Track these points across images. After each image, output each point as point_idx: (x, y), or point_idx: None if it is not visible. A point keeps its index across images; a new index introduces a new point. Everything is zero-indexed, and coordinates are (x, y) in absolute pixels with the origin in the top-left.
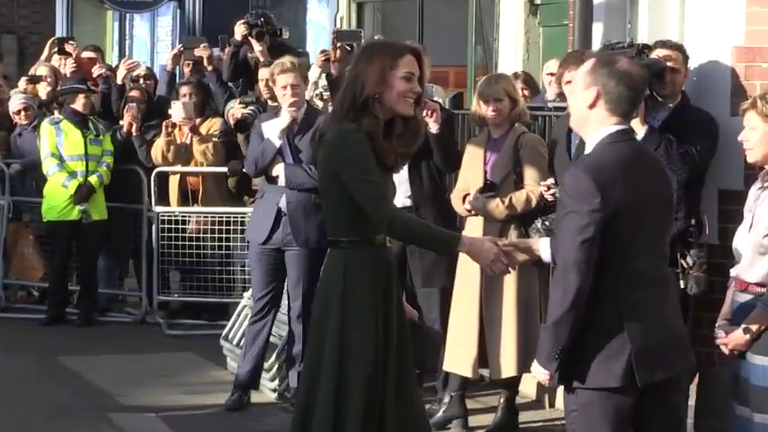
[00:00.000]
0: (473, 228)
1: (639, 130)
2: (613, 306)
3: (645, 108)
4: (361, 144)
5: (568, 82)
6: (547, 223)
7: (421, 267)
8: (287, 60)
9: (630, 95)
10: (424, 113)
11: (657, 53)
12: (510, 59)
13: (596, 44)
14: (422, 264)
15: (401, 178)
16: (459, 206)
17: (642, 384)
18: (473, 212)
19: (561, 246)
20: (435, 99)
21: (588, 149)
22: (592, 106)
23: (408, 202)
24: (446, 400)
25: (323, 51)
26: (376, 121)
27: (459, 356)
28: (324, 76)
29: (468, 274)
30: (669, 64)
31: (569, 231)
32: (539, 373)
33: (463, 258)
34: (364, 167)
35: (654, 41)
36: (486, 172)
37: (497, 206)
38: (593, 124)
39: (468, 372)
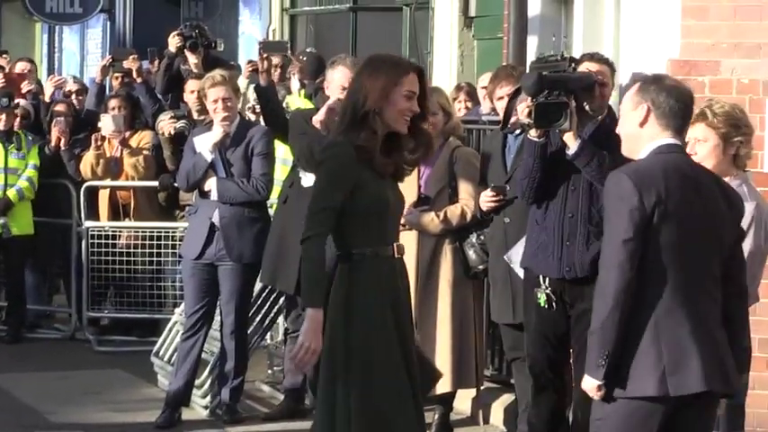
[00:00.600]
0: (407, 242)
1: (572, 144)
2: (651, 312)
3: (578, 122)
4: (340, 158)
5: (501, 98)
6: (482, 237)
7: None
8: (217, 74)
9: (681, 108)
10: None
11: (585, 66)
12: (444, 72)
13: (531, 58)
14: None
15: None
16: None
17: (675, 396)
18: (407, 227)
19: (605, 250)
20: None
21: None
22: (643, 123)
23: None
24: None
25: (250, 62)
26: (374, 136)
27: None
28: (252, 87)
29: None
30: (598, 77)
31: (611, 233)
32: (586, 383)
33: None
34: (330, 180)
35: (581, 54)
36: (420, 186)
37: (432, 220)
38: (646, 141)
39: None
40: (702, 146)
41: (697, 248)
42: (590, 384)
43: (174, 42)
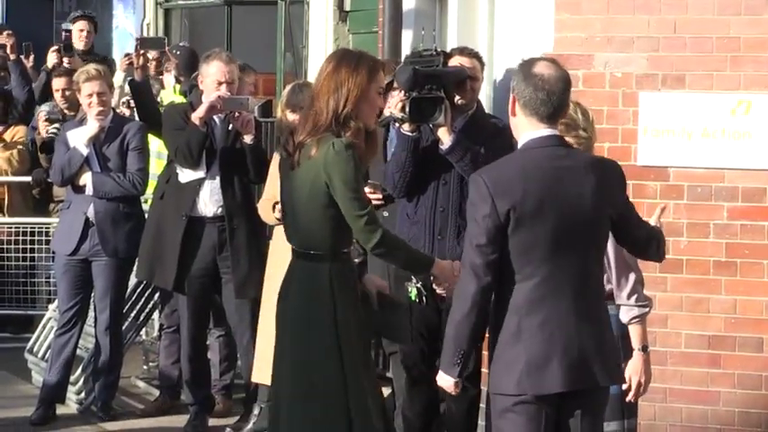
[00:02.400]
0: (279, 234)
1: (446, 139)
2: (513, 312)
3: (452, 117)
4: (355, 161)
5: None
6: None
7: (235, 278)
8: (92, 68)
9: (543, 97)
10: (238, 124)
11: (456, 61)
12: (319, 66)
13: (406, 51)
14: (236, 275)
15: (214, 188)
16: (268, 215)
17: (543, 395)
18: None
19: (464, 250)
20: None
21: None
22: (513, 112)
23: (221, 212)
24: (256, 411)
25: (126, 55)
26: (360, 131)
27: (267, 367)
28: (128, 81)
29: (276, 284)
30: (469, 72)
31: (468, 236)
32: (442, 380)
33: (271, 270)
34: (356, 187)
35: (451, 49)
36: None
37: None
38: (520, 130)
39: None
40: None
41: (561, 247)
42: (446, 381)
43: (52, 58)
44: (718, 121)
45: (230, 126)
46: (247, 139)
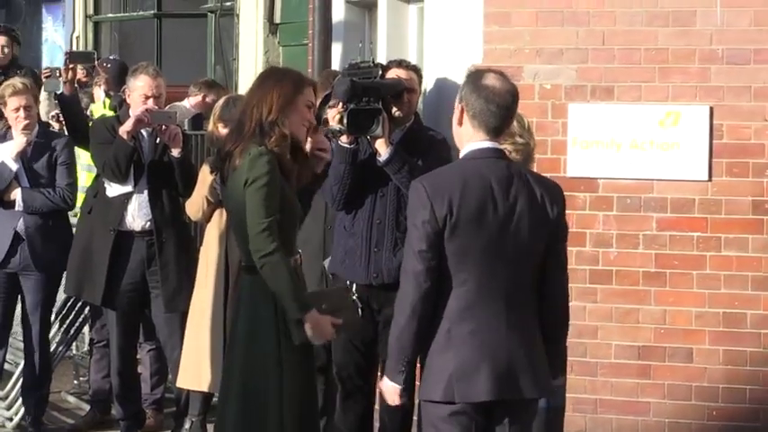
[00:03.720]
0: (211, 238)
1: (384, 151)
2: (446, 319)
3: (389, 129)
4: (271, 169)
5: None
6: None
7: (164, 292)
8: (18, 82)
9: (494, 110)
10: (166, 138)
11: (394, 73)
12: (250, 79)
13: (336, 63)
14: (165, 289)
15: (142, 202)
16: (196, 208)
17: (471, 402)
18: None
19: (404, 258)
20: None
21: None
22: (459, 122)
23: (150, 226)
24: (187, 426)
25: (47, 68)
26: (284, 138)
27: (193, 372)
28: (56, 95)
29: (205, 292)
30: (407, 84)
31: (408, 242)
32: (387, 387)
33: (201, 279)
34: (266, 194)
35: (388, 61)
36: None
37: None
38: (464, 140)
39: (204, 386)
40: None
41: (495, 257)
42: (391, 388)
43: None
44: (646, 132)
45: (158, 139)
46: (175, 152)
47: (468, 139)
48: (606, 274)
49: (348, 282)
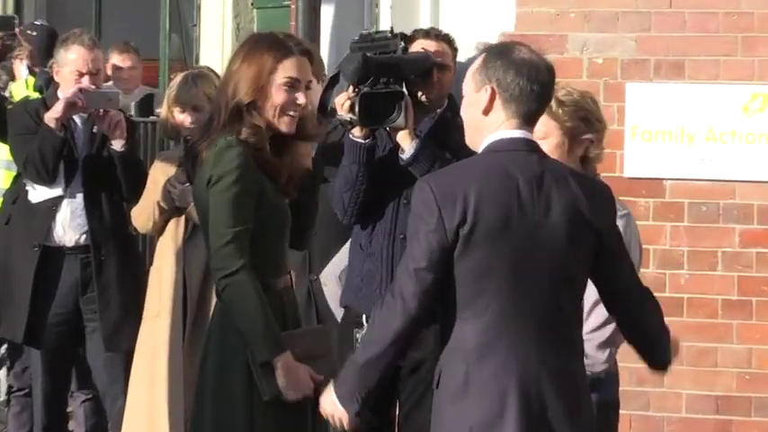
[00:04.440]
0: (164, 256)
1: (408, 145)
2: (461, 358)
3: (415, 118)
4: (242, 163)
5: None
6: None
7: (103, 326)
8: None
9: (537, 90)
10: (105, 126)
11: (420, 45)
12: (215, 51)
13: (325, 31)
14: (104, 321)
15: (75, 209)
16: (145, 218)
17: None
18: (164, 207)
19: (397, 273)
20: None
21: None
22: (487, 110)
23: (85, 240)
24: None
25: None
26: (256, 129)
27: (143, 430)
28: None
29: (160, 326)
30: (437, 59)
31: (404, 258)
32: (333, 408)
33: (151, 308)
34: (233, 195)
35: (413, 30)
36: None
37: None
38: (488, 132)
39: None
40: (542, 144)
41: (522, 277)
42: (337, 411)
43: None
44: (726, 120)
45: (95, 128)
46: (116, 144)
47: (493, 128)
48: (675, 304)
49: (365, 316)
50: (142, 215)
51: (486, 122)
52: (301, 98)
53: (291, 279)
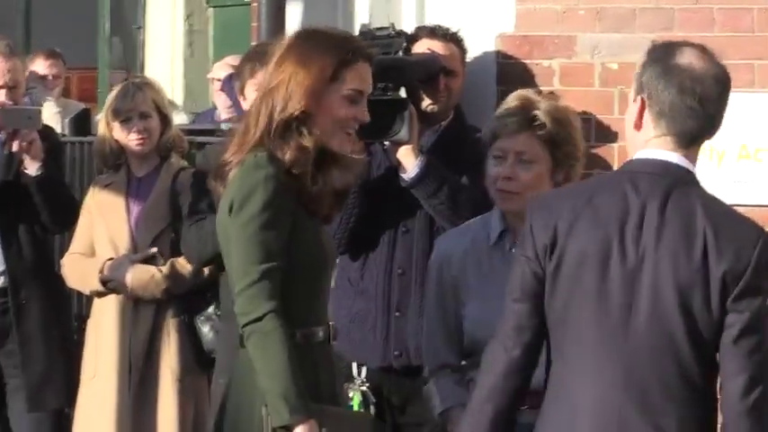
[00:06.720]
0: (107, 310)
1: (410, 163)
2: (566, 413)
3: (419, 130)
4: (274, 188)
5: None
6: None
7: (26, 382)
8: None
9: (694, 104)
10: (14, 146)
11: (425, 46)
12: (164, 56)
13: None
14: (27, 377)
15: None
16: (82, 278)
17: None
18: (108, 287)
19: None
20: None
21: None
22: (638, 125)
23: (2, 282)
24: None
25: None
26: (304, 151)
27: None
28: None
29: (103, 383)
30: (444, 63)
31: (508, 285)
32: None
33: (89, 360)
34: (261, 225)
35: (416, 28)
36: (131, 228)
37: (152, 277)
38: (636, 150)
39: None
40: (525, 168)
41: (632, 327)
42: None
43: None
44: (762, 134)
45: (11, 149)
46: (31, 167)
47: (642, 146)
48: None
49: (356, 364)
50: (75, 271)
51: (637, 139)
52: (364, 114)
53: (330, 332)
